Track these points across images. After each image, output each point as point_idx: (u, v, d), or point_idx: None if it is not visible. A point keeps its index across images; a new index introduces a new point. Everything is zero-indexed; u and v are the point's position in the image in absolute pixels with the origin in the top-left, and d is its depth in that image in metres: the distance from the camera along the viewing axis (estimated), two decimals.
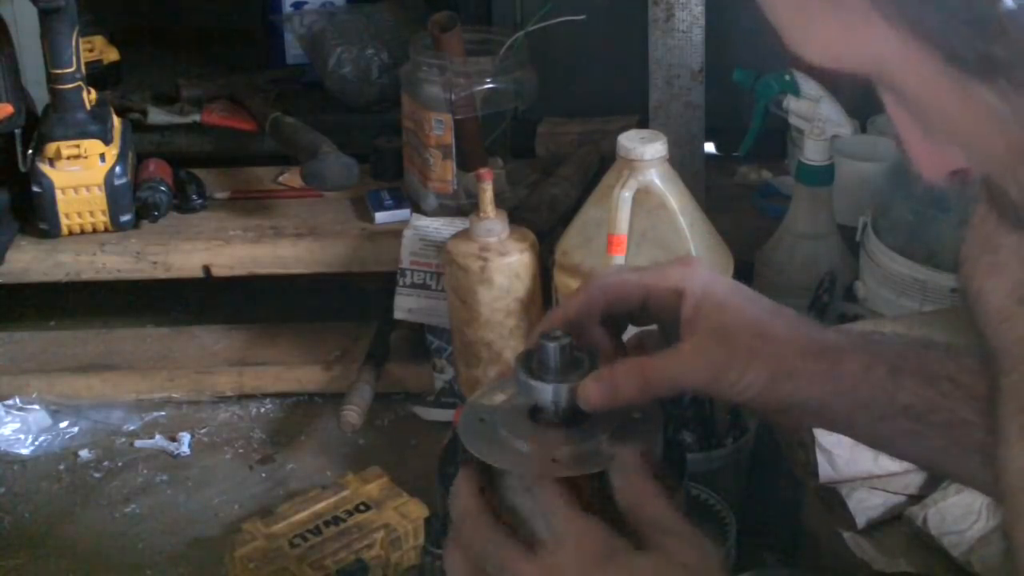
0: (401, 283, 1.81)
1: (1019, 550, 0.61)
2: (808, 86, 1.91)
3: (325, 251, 1.88)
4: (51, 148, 1.84)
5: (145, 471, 1.75)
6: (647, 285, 0.93)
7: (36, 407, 1.85)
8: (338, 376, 1.87)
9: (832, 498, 1.40)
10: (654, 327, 0.97)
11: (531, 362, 0.94)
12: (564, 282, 1.64)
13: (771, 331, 0.90)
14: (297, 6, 2.33)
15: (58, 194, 1.85)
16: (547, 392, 0.92)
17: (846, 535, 1.38)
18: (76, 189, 1.85)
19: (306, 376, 1.89)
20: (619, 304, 0.93)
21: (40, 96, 1.96)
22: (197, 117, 2.18)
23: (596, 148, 1.98)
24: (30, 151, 1.86)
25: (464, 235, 1.67)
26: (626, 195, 1.57)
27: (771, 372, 0.87)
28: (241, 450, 1.80)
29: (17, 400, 1.85)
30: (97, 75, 2.16)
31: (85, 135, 1.85)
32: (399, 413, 1.85)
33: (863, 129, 1.98)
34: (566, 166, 1.96)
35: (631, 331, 0.99)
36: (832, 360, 0.88)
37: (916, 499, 1.38)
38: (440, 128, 1.83)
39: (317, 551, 1.48)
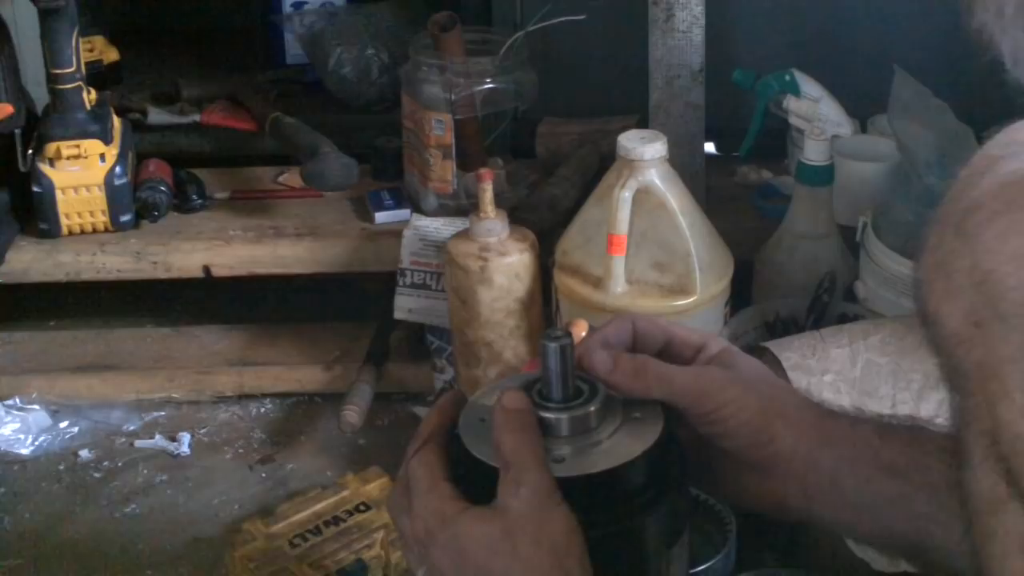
0: (401, 283, 1.81)
1: (989, 573, 0.61)
2: (808, 86, 1.91)
3: (325, 251, 1.88)
4: (51, 148, 1.84)
5: (145, 471, 1.75)
6: (674, 332, 0.96)
7: (36, 407, 1.85)
8: (338, 376, 1.87)
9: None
10: None
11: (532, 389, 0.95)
12: (564, 282, 1.64)
13: (775, 381, 0.93)
14: (297, 6, 2.33)
15: (58, 194, 1.85)
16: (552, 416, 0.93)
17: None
18: (76, 189, 1.85)
19: (306, 376, 1.89)
20: (643, 339, 0.96)
21: (40, 96, 1.96)
22: (197, 117, 2.18)
23: (596, 148, 1.98)
24: (30, 151, 1.87)
25: (464, 235, 1.67)
26: (626, 195, 1.57)
27: (762, 407, 0.88)
28: (241, 450, 1.80)
29: (17, 400, 1.85)
30: (97, 75, 2.17)
31: (85, 135, 1.85)
32: (399, 413, 1.85)
33: (863, 129, 1.98)
34: (566, 166, 1.96)
35: None
36: (823, 412, 0.90)
37: None
38: (440, 128, 1.83)
39: (317, 551, 1.48)
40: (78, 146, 1.84)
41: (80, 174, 1.85)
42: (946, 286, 0.60)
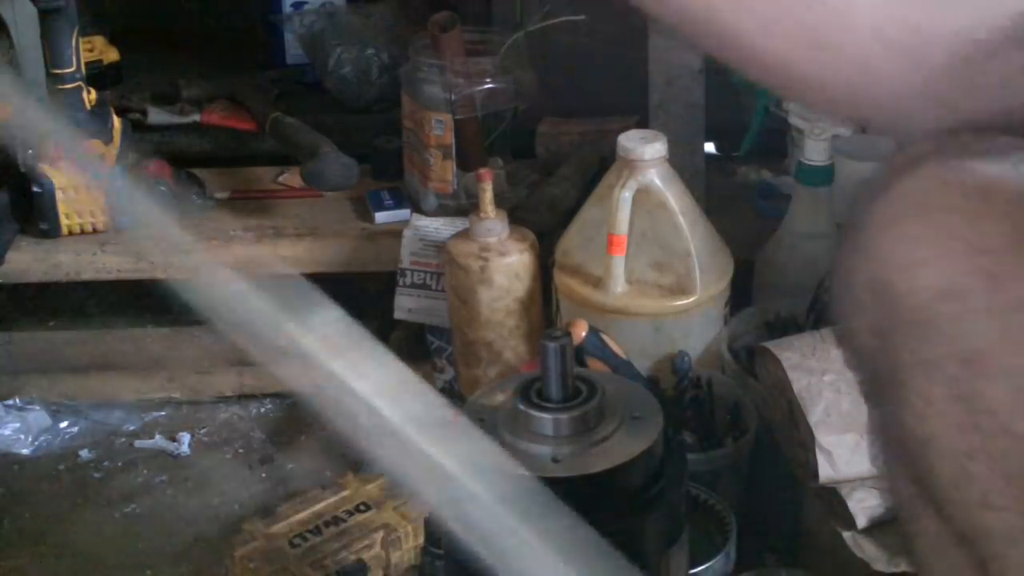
0: (401, 283, 1.81)
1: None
2: None
3: (325, 251, 1.88)
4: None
5: (145, 471, 1.75)
6: None
7: (36, 407, 1.85)
8: None
9: (832, 498, 1.40)
10: None
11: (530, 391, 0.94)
12: (564, 282, 1.64)
13: None
14: (297, 6, 2.33)
15: (58, 194, 1.85)
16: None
17: (846, 535, 1.38)
18: (76, 189, 1.85)
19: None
20: None
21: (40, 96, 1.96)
22: (197, 117, 2.18)
23: (596, 148, 1.98)
24: (30, 151, 1.86)
25: (464, 235, 1.67)
26: (626, 195, 1.57)
27: None
28: (241, 450, 1.80)
29: (17, 400, 1.85)
30: (97, 75, 2.16)
31: (85, 135, 1.85)
32: None
33: (863, 129, 1.97)
34: (566, 166, 1.96)
35: None
36: None
37: None
38: (440, 128, 1.83)
39: (317, 551, 1.48)
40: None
41: (80, 174, 1.85)
42: (851, 302, 0.60)
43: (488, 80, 1.83)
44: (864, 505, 1.38)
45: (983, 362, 0.56)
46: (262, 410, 1.88)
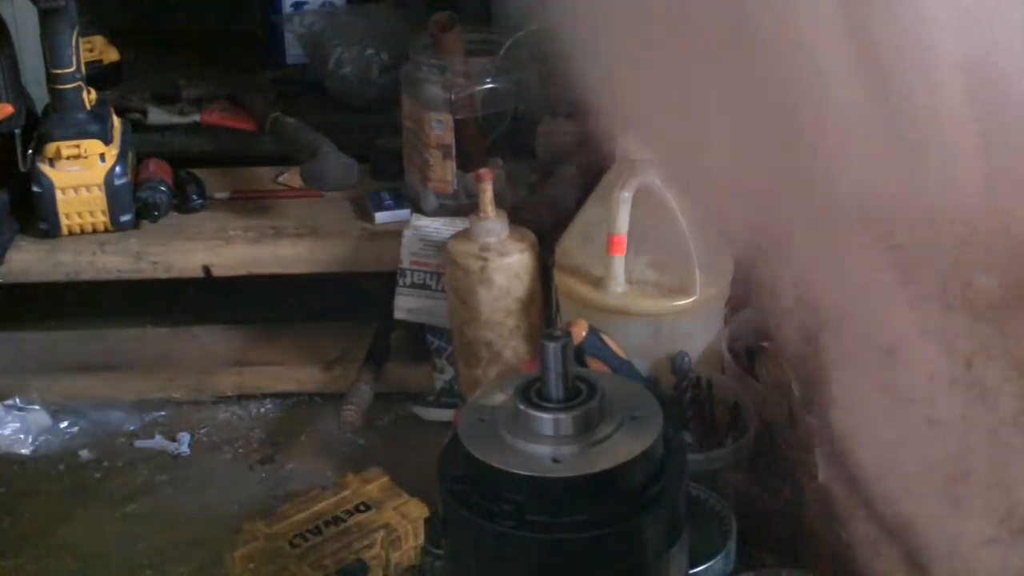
0: (401, 283, 1.81)
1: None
2: None
3: (325, 251, 1.88)
4: (51, 148, 1.84)
5: (145, 471, 1.75)
6: None
7: (36, 407, 1.85)
8: (338, 376, 1.87)
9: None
10: None
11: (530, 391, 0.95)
12: (564, 282, 1.64)
13: None
14: (297, 6, 2.33)
15: (58, 194, 1.85)
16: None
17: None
18: (76, 189, 1.85)
19: (306, 376, 1.89)
20: None
21: (40, 96, 1.96)
22: (197, 117, 2.18)
23: (596, 148, 1.98)
24: (30, 151, 1.87)
25: (464, 235, 1.67)
26: (626, 195, 1.57)
27: None
28: (241, 450, 1.80)
29: (17, 400, 1.85)
30: (97, 75, 2.16)
31: (85, 135, 1.85)
32: (399, 413, 1.85)
33: None
34: (566, 166, 1.96)
35: None
36: None
37: None
38: (440, 128, 1.83)
39: (317, 551, 1.48)
40: (78, 146, 1.84)
41: (80, 174, 1.85)
42: (780, 311, 0.61)
43: (488, 80, 1.83)
44: None
45: (901, 352, 0.57)
46: (262, 410, 1.88)
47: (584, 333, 1.46)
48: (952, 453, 0.55)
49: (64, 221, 1.86)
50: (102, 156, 1.86)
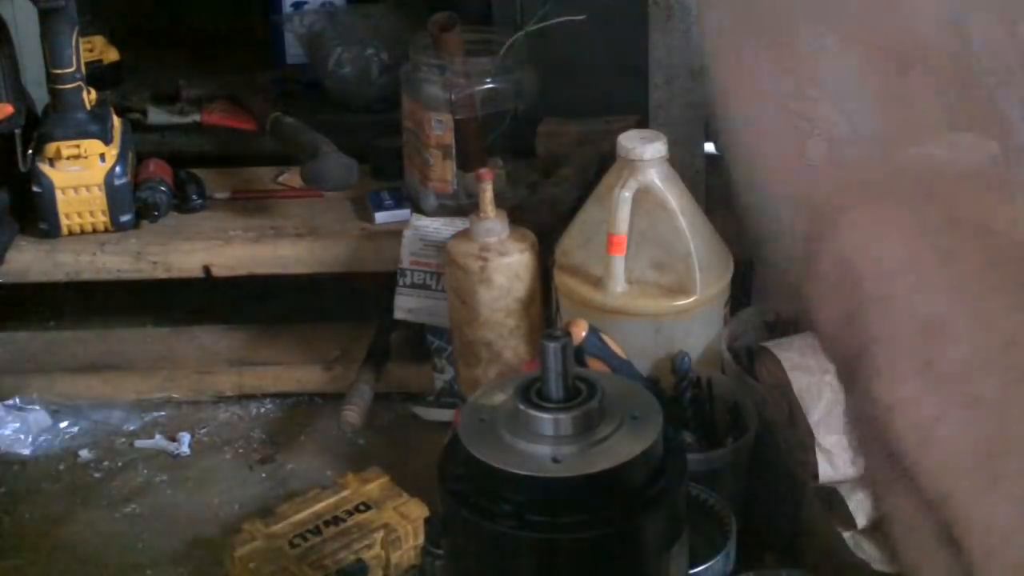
0: (401, 283, 1.81)
1: (895, 558, 0.61)
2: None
3: (325, 251, 1.88)
4: (51, 148, 1.84)
5: (145, 471, 1.75)
6: None
7: (36, 407, 1.85)
8: (338, 376, 1.87)
9: (832, 498, 1.40)
10: None
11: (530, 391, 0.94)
12: (564, 282, 1.64)
13: None
14: (297, 6, 2.33)
15: (58, 194, 1.85)
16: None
17: (846, 535, 1.38)
18: (76, 189, 1.85)
19: (306, 376, 1.89)
20: None
21: (40, 96, 1.96)
22: (197, 117, 2.18)
23: (596, 148, 1.98)
24: (30, 151, 1.87)
25: (464, 235, 1.67)
26: (626, 195, 1.57)
27: None
28: (241, 450, 1.80)
29: (17, 400, 1.85)
30: (97, 75, 2.16)
31: (85, 135, 1.85)
32: (399, 413, 1.85)
33: None
34: (566, 166, 1.96)
35: None
36: None
37: None
38: (440, 128, 1.83)
39: (317, 551, 1.48)
40: (78, 146, 1.84)
41: (80, 174, 1.85)
42: (819, 292, 0.62)
43: (488, 80, 1.83)
44: (864, 505, 1.38)
45: (941, 330, 0.57)
46: (262, 410, 1.88)
47: (584, 333, 1.46)
48: (991, 431, 0.56)
49: (64, 221, 1.86)
50: (102, 156, 1.86)
